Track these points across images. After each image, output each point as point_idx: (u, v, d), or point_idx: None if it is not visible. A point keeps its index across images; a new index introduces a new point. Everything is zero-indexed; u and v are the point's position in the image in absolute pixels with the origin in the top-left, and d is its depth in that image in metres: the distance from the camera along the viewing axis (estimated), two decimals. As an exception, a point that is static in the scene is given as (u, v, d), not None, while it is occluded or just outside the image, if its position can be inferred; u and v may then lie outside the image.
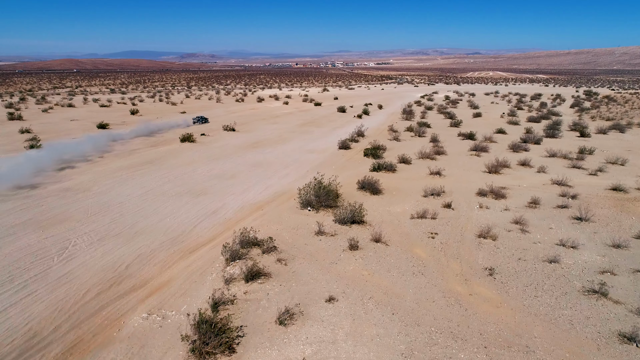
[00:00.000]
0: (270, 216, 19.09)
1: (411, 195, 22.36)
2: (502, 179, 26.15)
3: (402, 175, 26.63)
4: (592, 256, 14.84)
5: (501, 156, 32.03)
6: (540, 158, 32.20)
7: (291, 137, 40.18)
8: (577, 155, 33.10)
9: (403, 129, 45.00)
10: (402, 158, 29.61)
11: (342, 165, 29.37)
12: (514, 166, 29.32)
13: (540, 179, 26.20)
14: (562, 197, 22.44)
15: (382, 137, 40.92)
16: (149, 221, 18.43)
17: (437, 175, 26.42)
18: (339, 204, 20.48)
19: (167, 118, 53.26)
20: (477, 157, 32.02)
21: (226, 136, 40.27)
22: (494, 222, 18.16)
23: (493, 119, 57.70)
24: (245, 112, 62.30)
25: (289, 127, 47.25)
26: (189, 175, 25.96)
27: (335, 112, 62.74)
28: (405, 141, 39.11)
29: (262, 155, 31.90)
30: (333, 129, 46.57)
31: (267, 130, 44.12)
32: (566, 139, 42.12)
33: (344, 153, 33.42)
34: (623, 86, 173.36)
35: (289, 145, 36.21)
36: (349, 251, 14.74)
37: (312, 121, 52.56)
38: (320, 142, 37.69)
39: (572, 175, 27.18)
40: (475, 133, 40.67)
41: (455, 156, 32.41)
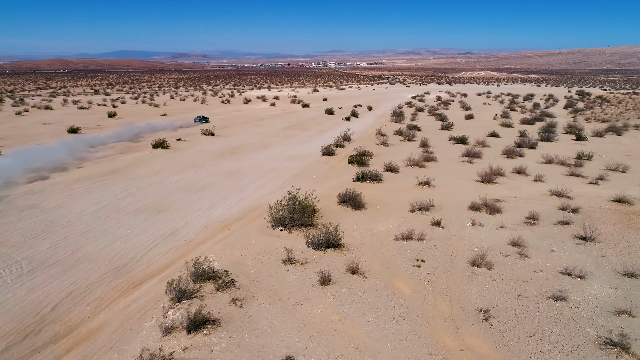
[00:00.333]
0: (237, 237, 16.77)
1: (397, 210, 20.16)
2: (497, 189, 24.06)
3: (389, 185, 24.43)
4: (603, 289, 12.73)
5: (495, 163, 30.00)
6: (537, 165, 30.21)
7: (273, 142, 37.85)
8: (575, 161, 31.18)
9: (392, 133, 42.88)
10: (388, 166, 27.43)
11: (324, 174, 27.11)
12: (509, 174, 27.27)
13: (537, 189, 24.15)
14: (562, 211, 20.39)
15: (369, 141, 38.75)
16: (95, 245, 16.02)
17: (426, 185, 24.26)
18: (315, 222, 18.23)
19: (147, 120, 50.61)
20: (470, 164, 29.95)
21: (204, 141, 37.83)
22: (488, 244, 16.01)
23: (486, 121, 55.85)
24: (229, 114, 59.82)
25: (272, 130, 44.91)
26: (154, 188, 23.53)
27: (322, 114, 60.52)
28: (393, 146, 36.97)
29: (239, 163, 29.55)
30: (319, 132, 44.32)
31: (249, 135, 41.74)
32: (562, 142, 40.27)
33: (328, 160, 31.17)
34: (614, 86, 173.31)
35: (270, 151, 33.89)
36: (319, 287, 12.49)
37: (297, 124, 50.26)
38: (303, 148, 35.41)
39: (571, 184, 25.19)
40: (467, 137, 38.66)
41: (446, 163, 30.31)
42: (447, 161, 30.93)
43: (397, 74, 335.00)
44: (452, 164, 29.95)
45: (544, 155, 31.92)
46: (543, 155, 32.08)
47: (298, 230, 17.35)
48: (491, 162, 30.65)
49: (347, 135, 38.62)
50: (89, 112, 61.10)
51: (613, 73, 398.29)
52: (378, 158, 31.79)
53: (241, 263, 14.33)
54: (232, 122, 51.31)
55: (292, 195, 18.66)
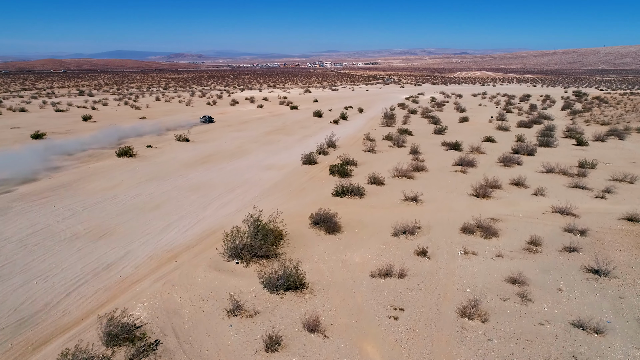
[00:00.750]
0: (182, 273, 13.93)
1: (378, 233, 17.39)
2: (493, 205, 21.35)
3: (371, 201, 21.66)
4: (628, 350, 10.01)
5: (490, 173, 27.34)
6: (536, 175, 27.56)
7: (252, 149, 35.00)
8: (577, 170, 28.54)
9: (381, 138, 40.15)
10: (373, 177, 24.66)
11: (301, 187, 24.31)
12: (506, 187, 24.58)
13: (538, 205, 21.47)
14: (568, 233, 17.72)
15: (356, 147, 35.99)
16: (5, 286, 13.15)
17: (413, 201, 21.49)
18: (279, 252, 15.44)
19: (123, 124, 47.61)
20: (463, 175, 27.25)
21: (176, 148, 34.92)
22: (483, 282, 13.28)
23: (481, 124, 53.24)
24: (213, 116, 56.85)
25: (254, 135, 42.05)
26: (104, 206, 20.63)
27: (310, 117, 57.72)
28: (381, 153, 34.23)
29: (208, 174, 26.68)
30: (303, 137, 41.51)
31: (227, 140, 38.87)
32: (562, 148, 37.68)
33: (308, 170, 28.37)
34: (610, 86, 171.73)
35: (247, 160, 31.04)
36: (264, 353, 9.69)
37: (282, 128, 47.42)
38: (283, 155, 32.59)
39: (575, 198, 22.56)
40: (461, 143, 35.98)
41: (437, 173, 27.59)
42: (438, 171, 28.22)
43: (392, 74, 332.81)
44: (444, 174, 27.23)
45: (544, 164, 29.30)
46: (543, 164, 29.46)
47: (257, 263, 14.54)
48: (486, 171, 28.01)
49: (332, 141, 35.85)
50: (64, 115, 57.99)
51: (608, 73, 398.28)
52: (363, 167, 29.05)
53: (176, 313, 11.51)
54: (213, 125, 48.40)
55: (254, 219, 15.85)
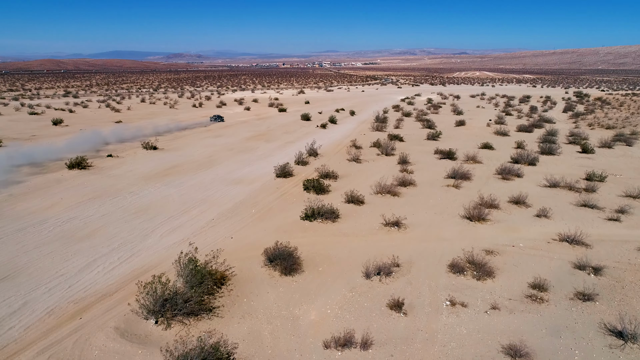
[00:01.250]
0: (77, 342, 10.66)
1: (346, 273, 14.10)
2: (489, 231, 18.06)
3: (345, 226, 18.36)
4: None
5: (487, 187, 24.08)
6: (539, 190, 24.29)
7: (224, 158, 31.69)
8: (585, 183, 25.26)
9: (369, 144, 36.86)
10: (351, 196, 21.35)
11: (267, 206, 20.99)
12: (505, 206, 21.29)
13: (542, 231, 18.19)
14: (579, 272, 14.46)
15: (339, 156, 32.70)
16: None
17: (394, 227, 18.19)
18: (217, 303, 12.14)
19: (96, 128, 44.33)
20: (456, 190, 23.95)
21: (140, 158, 31.60)
22: (473, 356, 9.97)
23: (478, 128, 49.96)
24: (194, 120, 53.53)
25: (231, 142, 38.74)
26: (23, 234, 17.32)
27: (297, 121, 54.42)
28: (367, 162, 30.93)
29: (165, 191, 23.37)
30: (285, 144, 38.22)
31: (200, 148, 35.55)
32: (566, 155, 34.41)
33: (281, 184, 25.07)
34: (611, 86, 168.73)
35: (214, 172, 27.74)
36: None
37: (264, 133, 44.11)
38: (257, 166, 29.29)
39: (585, 220, 19.32)
40: (455, 151, 32.70)
41: (427, 188, 24.30)
42: (428, 185, 24.92)
43: (391, 74, 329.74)
44: (434, 190, 23.94)
45: (547, 176, 26.05)
46: (546, 176, 26.20)
47: (182, 323, 11.24)
48: (482, 186, 24.74)
49: (313, 150, 32.55)
50: (37, 119, 54.64)
51: (608, 73, 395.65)
52: (344, 181, 25.76)
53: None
54: (190, 131, 45.04)
55: (189, 259, 12.56)
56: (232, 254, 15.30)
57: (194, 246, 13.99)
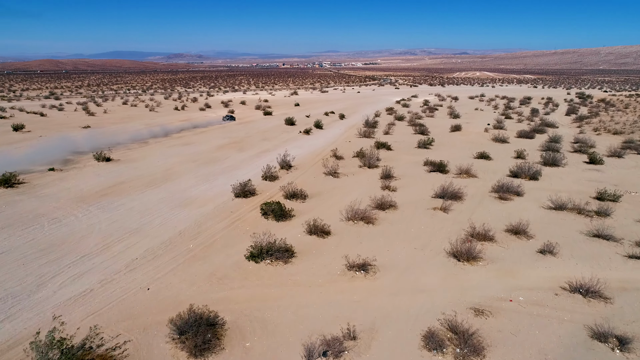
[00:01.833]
0: None
1: (279, 355, 10.25)
2: (480, 276, 14.25)
3: (299, 270, 14.55)
4: None
5: (480, 211, 20.28)
6: (542, 213, 20.48)
7: (183, 172, 27.88)
8: (596, 205, 21.44)
9: (352, 154, 33.04)
10: (314, 225, 17.53)
11: (210, 239, 17.18)
12: (502, 237, 17.47)
13: (547, 275, 14.38)
14: (599, 345, 10.66)
15: (316, 169, 28.91)
16: None
17: (360, 271, 14.37)
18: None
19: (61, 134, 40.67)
20: (443, 215, 20.12)
21: (87, 172, 27.81)
22: None
23: (475, 133, 46.14)
24: (171, 124, 49.74)
25: (200, 151, 34.94)
26: None
27: (281, 125, 50.64)
28: (346, 177, 27.12)
29: (95, 217, 19.56)
30: (259, 154, 34.42)
31: (162, 159, 31.74)
32: (572, 167, 30.59)
33: (238, 206, 21.26)
34: (614, 87, 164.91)
35: (165, 190, 23.93)
36: None
37: (240, 140, 40.32)
38: (217, 183, 25.49)
39: (601, 258, 15.55)
40: (447, 164, 28.87)
41: (410, 212, 20.47)
42: (411, 207, 21.09)
43: (391, 74, 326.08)
44: (418, 214, 20.11)
45: (552, 195, 22.29)
46: (550, 195, 22.43)
47: None
48: (475, 208, 20.93)
49: (285, 162, 28.74)
50: (1, 124, 50.86)
51: (609, 73, 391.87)
52: (313, 202, 21.95)
53: None
54: (159, 137, 41.20)
55: (50, 340, 8.73)
56: (137, 317, 11.52)
57: (60, 320, 10.15)
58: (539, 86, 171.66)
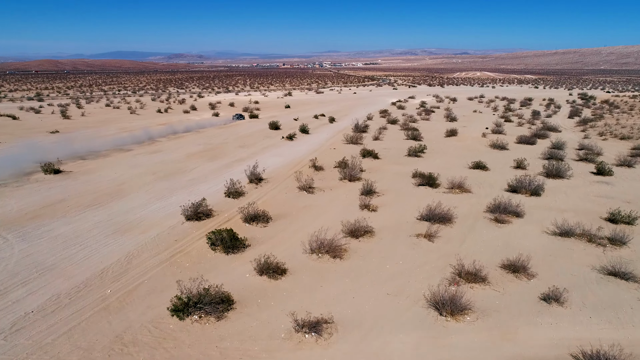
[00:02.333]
0: None
1: None
2: (466, 338, 11.01)
3: (230, 332, 11.28)
4: None
5: (472, 239, 17.01)
6: (545, 241, 17.20)
7: (138, 187, 24.62)
8: (609, 230, 18.15)
9: (333, 164, 29.77)
10: (266, 263, 14.22)
11: (136, 280, 13.91)
12: (496, 277, 14.19)
13: (553, 336, 11.14)
14: None
15: (290, 182, 25.65)
16: None
17: (311, 333, 11.07)
18: None
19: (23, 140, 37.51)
20: (427, 244, 16.84)
21: (29, 186, 24.55)
22: None
23: (472, 139, 42.85)
24: (149, 129, 46.49)
25: (166, 160, 31.70)
26: None
27: (264, 129, 47.43)
28: (321, 193, 23.85)
29: (6, 248, 16.30)
30: (231, 163, 31.19)
31: (119, 170, 28.50)
32: (578, 179, 27.30)
33: (186, 233, 17.98)
34: (616, 87, 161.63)
35: (107, 211, 20.66)
36: None
37: (214, 147, 37.08)
38: (172, 200, 22.24)
39: (620, 310, 12.34)
40: (437, 177, 25.58)
41: (388, 240, 17.21)
42: (391, 233, 17.82)
43: (391, 74, 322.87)
44: (397, 244, 16.83)
45: (556, 217, 19.08)
46: (554, 218, 19.15)
47: None
48: (466, 235, 17.67)
49: (255, 174, 25.47)
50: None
51: (611, 73, 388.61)
52: (276, 227, 18.69)
53: None
54: (127, 144, 37.96)
55: None
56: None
57: None
58: (540, 86, 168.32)
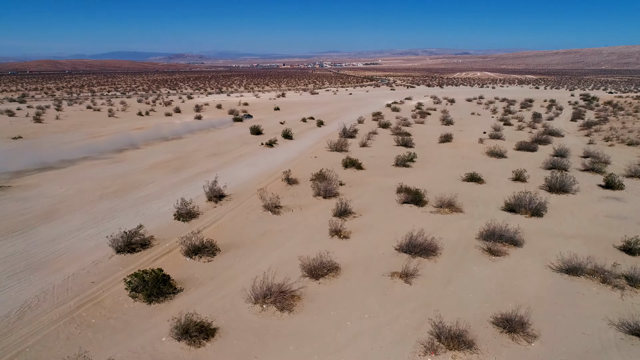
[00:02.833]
0: None
1: None
2: None
3: None
4: None
5: (458, 281, 13.73)
6: (549, 282, 13.97)
7: (76, 207, 21.39)
8: (628, 266, 14.92)
9: (310, 176, 26.52)
10: (186, 326, 10.92)
11: (16, 347, 10.61)
12: (486, 339, 10.97)
13: None
14: None
15: (257, 199, 22.32)
16: None
17: None
18: None
19: None
20: (403, 288, 13.61)
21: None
22: None
23: (468, 145, 39.59)
24: (115, 135, 43.30)
25: (123, 172, 28.48)
26: None
27: (245, 134, 44.25)
28: (289, 213, 20.60)
29: None
30: (196, 175, 27.97)
31: (65, 186, 25.30)
32: (585, 194, 24.05)
33: (112, 269, 14.77)
34: (618, 88, 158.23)
35: (29, 238, 17.48)
36: None
37: (185, 156, 33.89)
38: (111, 225, 18.98)
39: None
40: (424, 194, 22.27)
41: (355, 282, 13.95)
42: (360, 272, 14.56)
43: (391, 74, 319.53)
44: (365, 289, 13.56)
45: (561, 246, 15.78)
46: (559, 250, 15.85)
47: None
48: (452, 276, 14.39)
49: (215, 191, 22.21)
50: None
51: (612, 73, 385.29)
52: (223, 261, 15.45)
53: None
54: (90, 153, 34.70)
55: None
56: None
57: None
58: (541, 87, 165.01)
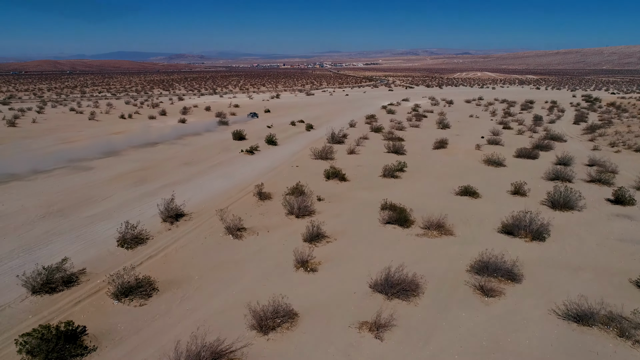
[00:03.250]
0: None
1: None
2: None
3: None
4: None
5: (442, 333, 11.02)
6: (554, 335, 11.45)
7: (12, 230, 18.77)
8: (648, 314, 12.10)
9: (285, 189, 23.78)
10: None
11: None
12: None
13: None
14: None
15: (216, 220, 19.57)
16: None
17: None
18: None
19: None
20: (373, 346, 10.94)
21: None
22: None
23: (464, 151, 36.86)
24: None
25: (81, 184, 25.82)
26: None
27: (227, 140, 41.61)
28: (254, 236, 17.88)
29: None
30: (161, 187, 25.34)
31: (6, 202, 22.56)
32: (592, 212, 21.32)
33: (20, 317, 12.25)
34: (620, 88, 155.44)
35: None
36: None
37: (154, 165, 31.20)
38: (43, 253, 16.31)
39: None
40: (411, 212, 19.55)
41: (314, 337, 11.42)
42: (322, 321, 11.86)
43: (390, 74, 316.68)
44: (324, 349, 10.80)
45: (567, 282, 13.06)
46: (566, 289, 13.11)
47: None
48: (434, 326, 11.68)
49: (171, 209, 19.49)
50: None
51: (613, 73, 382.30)
52: (160, 305, 12.80)
53: None
54: (52, 161, 31.98)
55: None
56: None
57: None
58: (542, 87, 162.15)
